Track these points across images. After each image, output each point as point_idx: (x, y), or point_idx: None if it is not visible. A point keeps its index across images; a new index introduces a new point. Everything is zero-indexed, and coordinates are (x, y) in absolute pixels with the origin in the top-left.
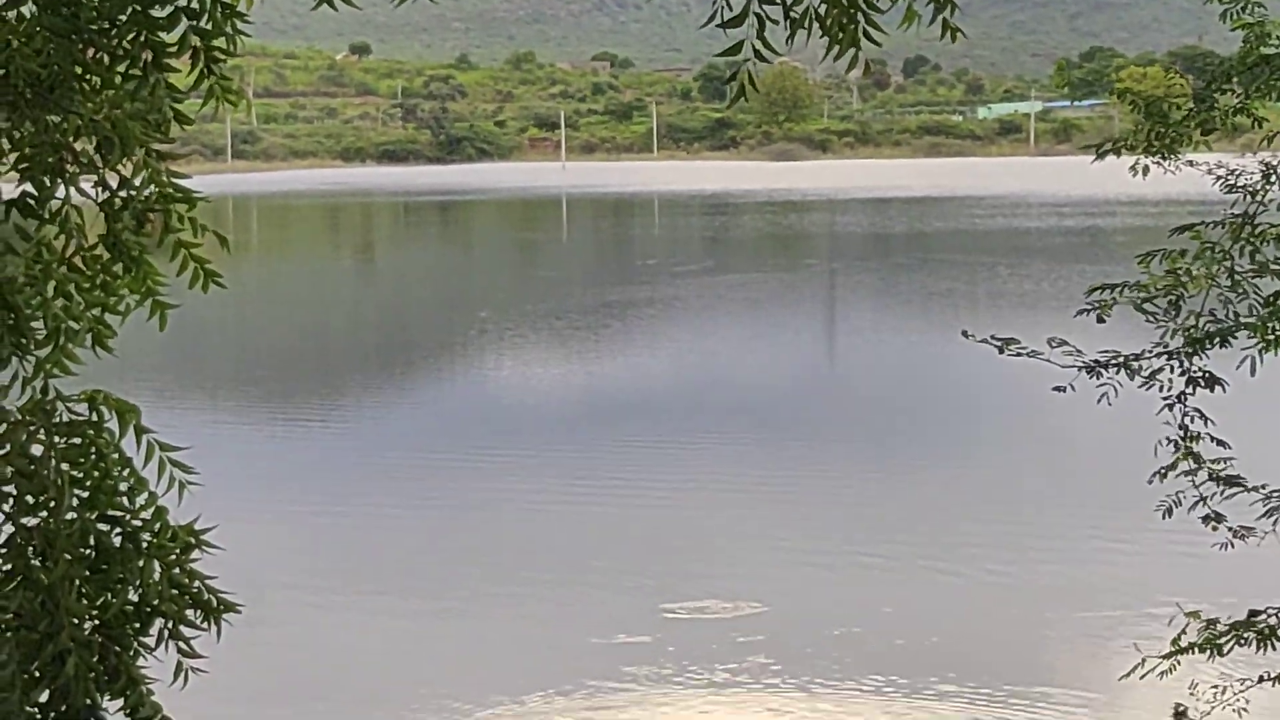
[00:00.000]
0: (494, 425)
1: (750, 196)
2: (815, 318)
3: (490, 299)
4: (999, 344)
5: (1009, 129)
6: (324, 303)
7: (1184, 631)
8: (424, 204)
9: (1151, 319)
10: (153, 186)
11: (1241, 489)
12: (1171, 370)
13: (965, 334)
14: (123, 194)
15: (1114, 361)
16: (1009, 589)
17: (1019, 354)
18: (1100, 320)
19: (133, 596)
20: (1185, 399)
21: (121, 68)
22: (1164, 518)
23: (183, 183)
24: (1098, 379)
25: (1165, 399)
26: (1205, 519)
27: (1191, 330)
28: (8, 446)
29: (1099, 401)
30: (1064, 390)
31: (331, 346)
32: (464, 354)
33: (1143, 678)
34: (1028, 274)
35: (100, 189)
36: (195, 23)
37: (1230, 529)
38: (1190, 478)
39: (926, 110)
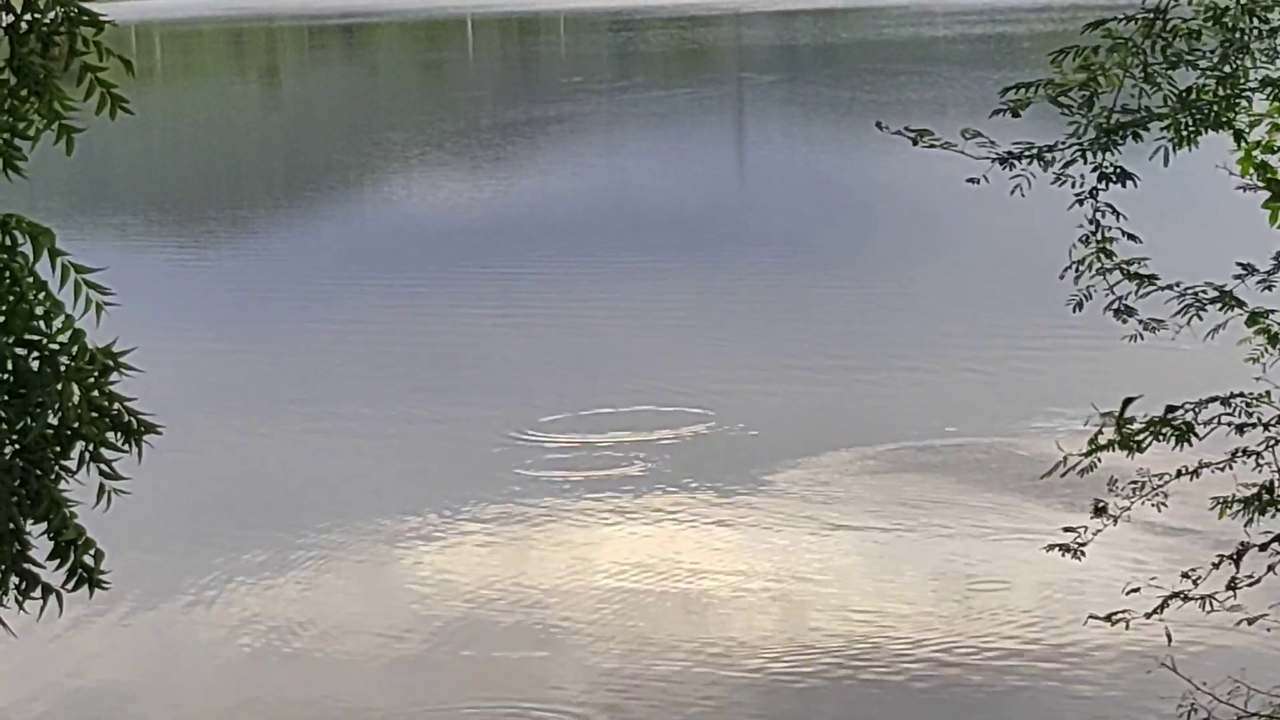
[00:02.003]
0: (407, 248)
1: (657, 12)
2: (725, 131)
3: (397, 121)
4: (913, 135)
5: None
6: (231, 129)
7: (1100, 430)
8: (328, 28)
9: (1067, 110)
10: (59, 9)
11: (1155, 287)
12: (1085, 161)
13: (879, 125)
14: (28, 18)
15: (1027, 153)
16: (927, 391)
17: (932, 145)
18: (1015, 115)
19: (52, 420)
20: (1097, 194)
21: None
22: (1074, 311)
23: (88, 5)
24: (1011, 170)
25: (1077, 194)
26: (1116, 312)
27: (1104, 123)
28: None
29: (1011, 194)
30: (977, 182)
31: (239, 172)
32: (373, 177)
33: (1062, 476)
34: (935, 81)
35: (5, 13)
36: None
37: (1141, 321)
38: (1103, 275)
39: None
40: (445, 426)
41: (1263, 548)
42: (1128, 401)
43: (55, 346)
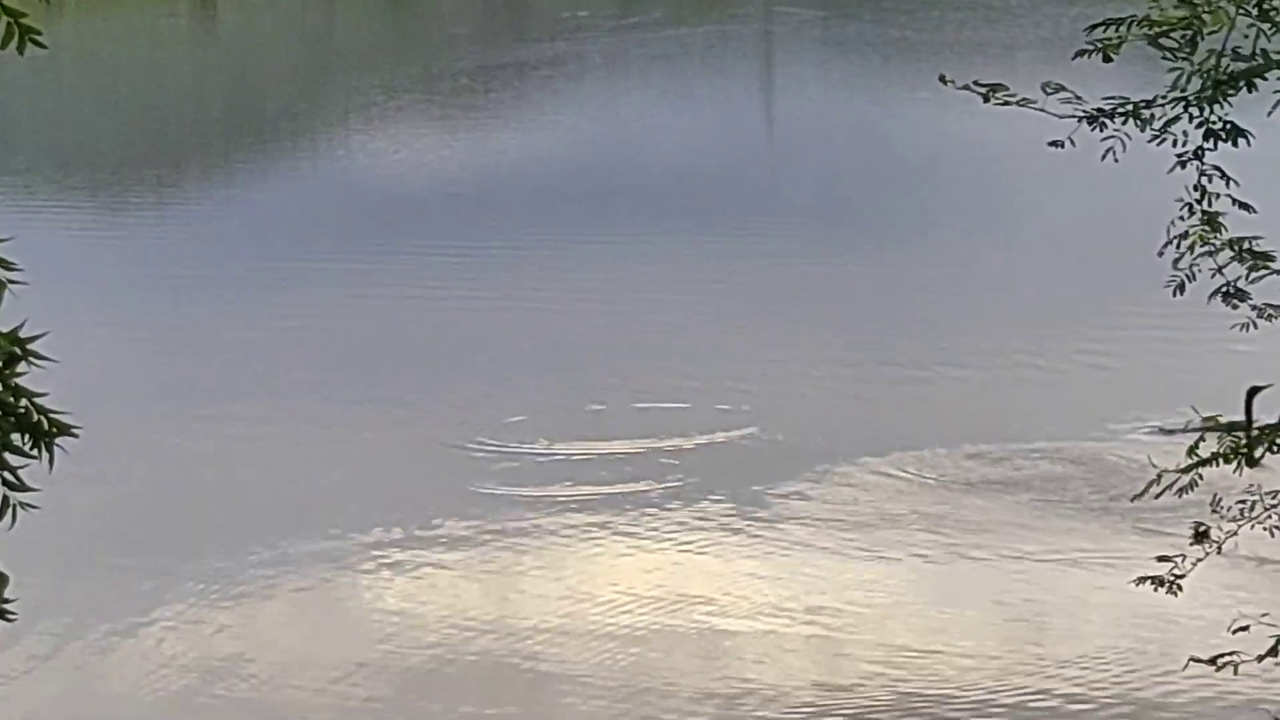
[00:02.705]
0: (367, 216)
1: None
2: (750, 77)
3: (357, 63)
4: (983, 90)
5: None
6: (158, 70)
7: (1202, 438)
8: None
9: (1168, 55)
10: None
11: (1271, 269)
12: (1189, 117)
13: (943, 79)
14: None
15: (1120, 109)
16: (985, 390)
17: (1007, 103)
18: (1107, 59)
19: None
20: (1203, 155)
21: None
22: (1174, 295)
23: None
24: (1101, 130)
25: (1179, 156)
26: (1224, 295)
27: (1211, 71)
28: None
29: (1103, 158)
30: (1061, 145)
31: (169, 124)
32: (327, 130)
33: (1158, 497)
34: (1000, 18)
35: None
36: None
37: (1255, 308)
38: (1209, 253)
39: None
40: (411, 430)
41: None
42: (1254, 392)
43: None
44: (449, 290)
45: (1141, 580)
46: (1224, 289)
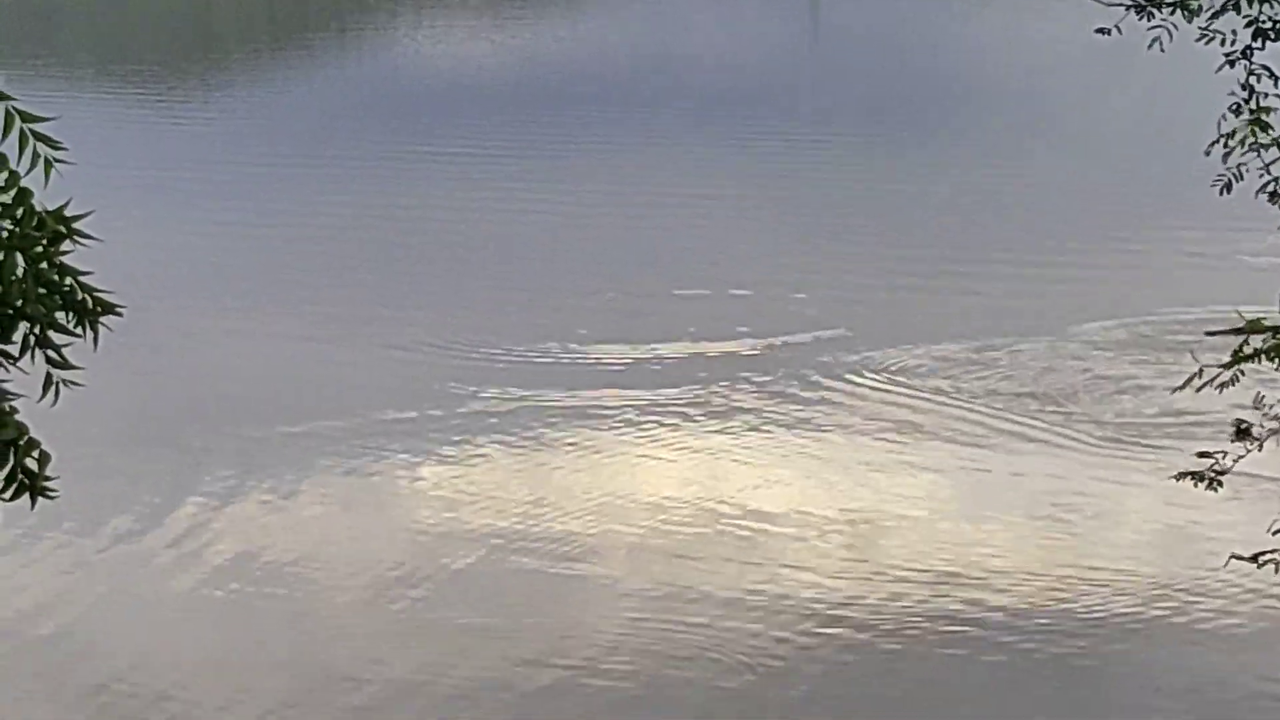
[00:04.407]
0: (412, 109)
1: None
2: None
3: None
4: None
5: None
6: None
7: (1246, 340)
8: None
9: None
10: None
11: None
12: (1238, 11)
13: None
14: None
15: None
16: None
17: None
18: None
19: None
20: (1251, 54)
21: None
22: (1221, 194)
23: None
24: (1148, 20)
25: (1227, 55)
26: (1271, 195)
27: None
28: None
29: (1150, 47)
30: (1107, 33)
31: (213, 10)
32: (373, 21)
33: (1199, 390)
34: None
35: None
36: None
37: None
38: (1256, 149)
39: None
40: (453, 327)
41: None
42: None
43: None
44: (495, 186)
45: (1182, 476)
46: (1272, 186)
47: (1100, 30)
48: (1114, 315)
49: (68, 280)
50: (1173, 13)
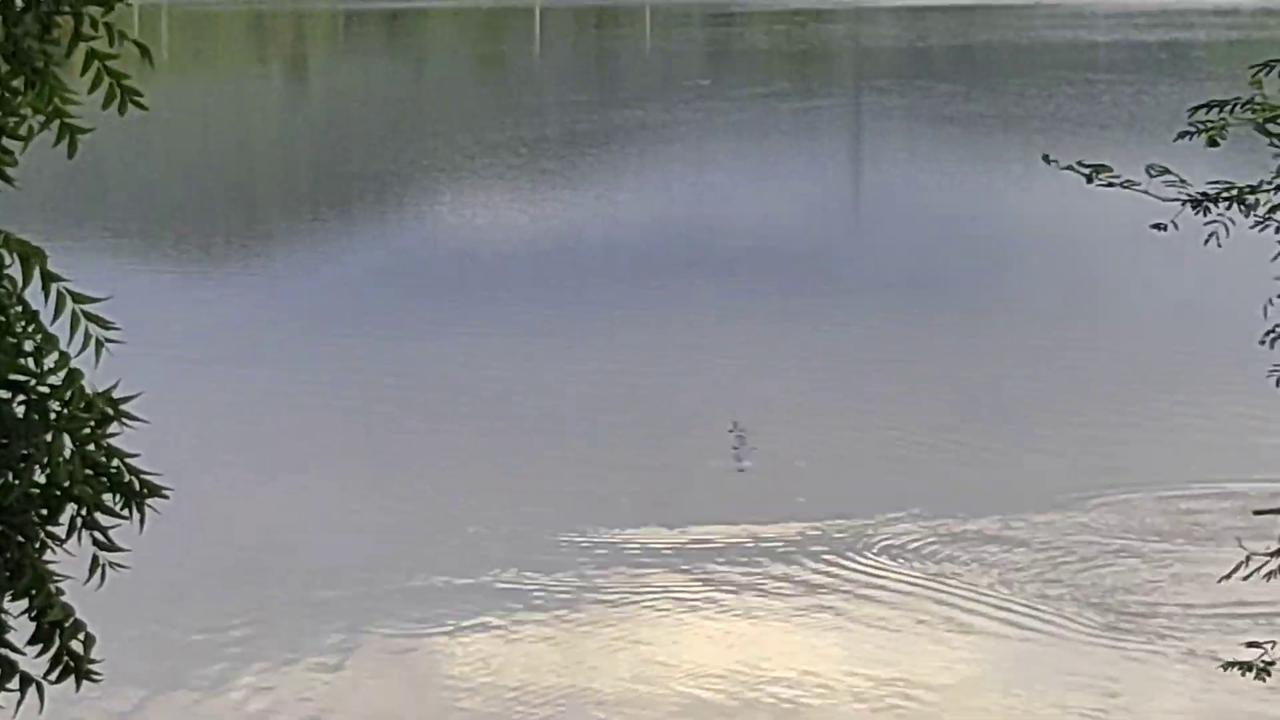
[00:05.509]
0: (450, 277)
1: (761, 4)
2: (838, 150)
3: (446, 125)
4: (1087, 171)
5: None
6: (249, 130)
7: None
8: (368, 12)
9: (1275, 142)
10: None
11: None
12: None
13: (1047, 158)
14: None
15: (1225, 194)
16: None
17: (1111, 184)
18: (1213, 143)
19: (39, 478)
20: None
21: None
22: (1278, 385)
23: None
24: (1205, 214)
25: None
26: None
27: None
28: None
29: (1206, 242)
30: (1164, 228)
31: (258, 182)
32: (414, 191)
33: (1246, 579)
34: (1095, 96)
35: None
36: None
37: None
38: None
39: None
40: (489, 494)
41: None
42: None
43: (46, 390)
44: (531, 365)
45: (1230, 665)
46: None
47: (1156, 226)
48: (1149, 488)
49: (115, 462)
50: (1229, 207)
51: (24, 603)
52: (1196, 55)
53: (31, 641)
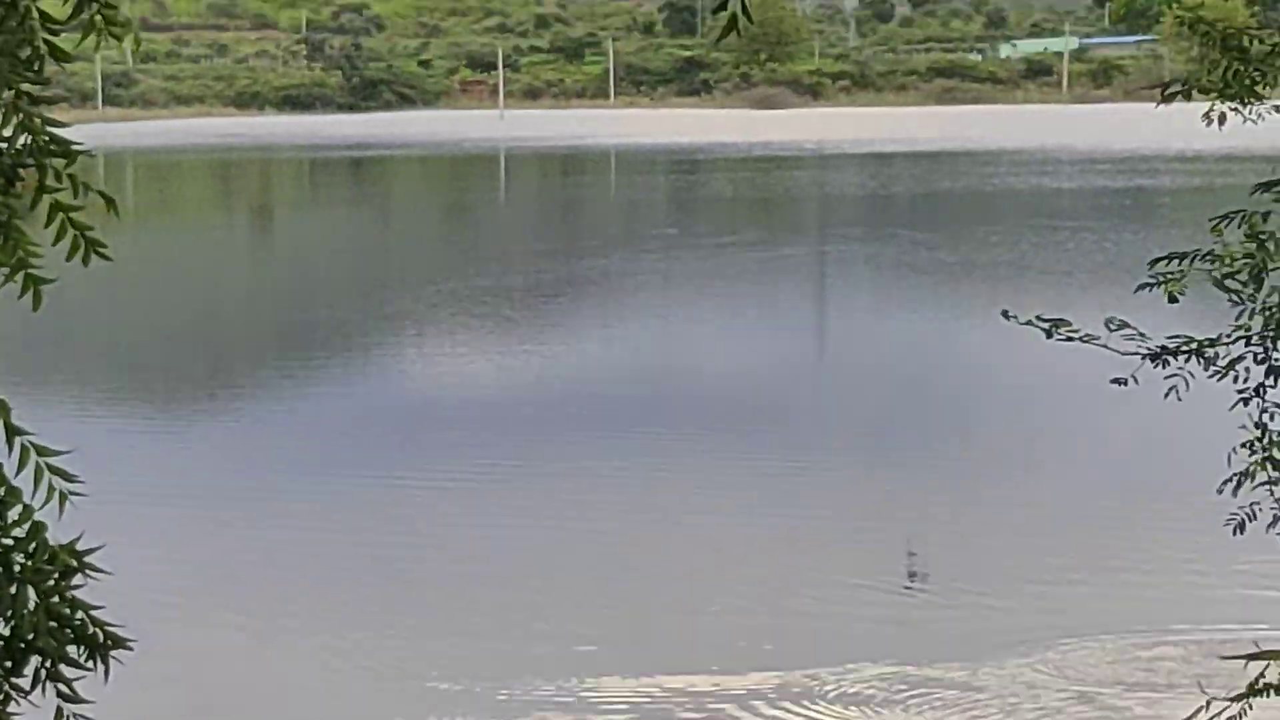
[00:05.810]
0: (414, 431)
1: (725, 151)
2: (803, 298)
3: (410, 275)
4: (1046, 326)
5: (1037, 70)
6: (213, 279)
7: (1263, 672)
8: (333, 160)
9: (1235, 298)
10: (26, 136)
11: None
12: (1255, 359)
13: (1006, 314)
14: None
15: (1184, 348)
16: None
17: (1070, 338)
18: (1172, 300)
19: (3, 630)
20: (1264, 392)
21: None
22: (1235, 534)
23: (60, 132)
24: (1164, 368)
25: (1240, 392)
26: None
27: (1276, 309)
28: None
29: (1166, 396)
30: (1124, 383)
31: (223, 333)
32: (379, 343)
33: None
34: (1060, 244)
35: None
36: None
37: None
38: (1270, 488)
39: (938, 47)
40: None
41: None
42: None
43: (9, 542)
44: (498, 519)
45: None
46: None
47: (1116, 381)
48: (1107, 634)
49: (79, 614)
50: (1188, 360)
51: None
52: (1160, 202)
53: None
